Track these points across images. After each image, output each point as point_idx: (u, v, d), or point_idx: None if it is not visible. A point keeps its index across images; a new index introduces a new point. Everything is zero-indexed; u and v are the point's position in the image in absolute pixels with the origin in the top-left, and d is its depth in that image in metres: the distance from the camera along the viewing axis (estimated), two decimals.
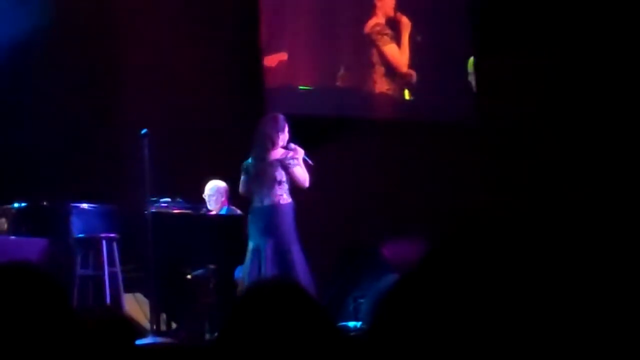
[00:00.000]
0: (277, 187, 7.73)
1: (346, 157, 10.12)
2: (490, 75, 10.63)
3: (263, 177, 7.75)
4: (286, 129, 7.82)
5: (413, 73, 10.65)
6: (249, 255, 7.76)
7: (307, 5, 10.49)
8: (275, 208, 7.72)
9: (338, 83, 10.50)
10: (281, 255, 7.63)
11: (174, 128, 9.51)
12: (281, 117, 7.89)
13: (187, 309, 8.49)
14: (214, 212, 8.72)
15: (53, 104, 9.36)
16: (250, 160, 7.88)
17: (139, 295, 8.54)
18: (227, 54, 10.13)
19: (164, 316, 8.38)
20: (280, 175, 7.74)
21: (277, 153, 7.76)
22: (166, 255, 8.21)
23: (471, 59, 10.80)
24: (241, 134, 8.40)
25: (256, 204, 7.81)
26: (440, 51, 10.71)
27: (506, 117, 10.47)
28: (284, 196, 7.75)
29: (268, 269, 7.56)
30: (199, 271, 8.47)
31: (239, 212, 8.59)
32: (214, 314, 8.17)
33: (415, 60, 10.65)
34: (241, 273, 8.11)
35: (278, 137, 7.78)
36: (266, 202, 7.75)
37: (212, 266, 8.45)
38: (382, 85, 10.58)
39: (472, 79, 10.79)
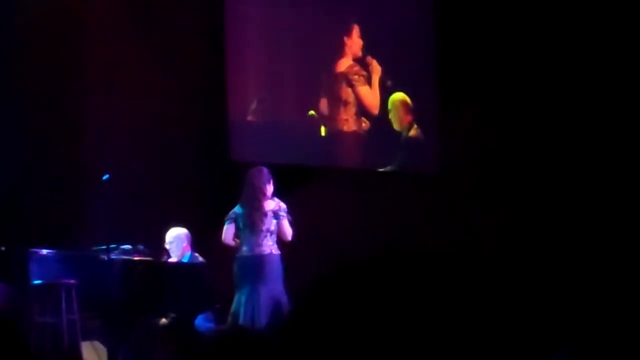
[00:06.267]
0: (268, 237, 7.93)
1: (316, 206, 10.08)
2: (454, 123, 10.66)
3: (255, 227, 7.88)
4: (272, 181, 8.04)
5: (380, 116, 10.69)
6: (240, 304, 7.84)
7: (275, 43, 10.53)
8: (266, 258, 7.90)
9: (306, 120, 10.54)
10: (275, 306, 7.75)
11: (136, 175, 9.45)
12: (266, 169, 8.12)
13: (146, 357, 8.36)
14: (175, 260, 8.63)
15: (11, 148, 9.27)
16: (239, 210, 8.02)
17: (97, 344, 8.42)
18: (191, 100, 10.11)
19: None
20: (272, 225, 7.92)
21: (270, 204, 7.95)
22: (126, 302, 8.09)
23: (392, 96, 10.74)
24: (204, 182, 8.40)
25: (245, 253, 7.95)
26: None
27: (470, 163, 10.48)
28: (275, 246, 7.95)
29: (262, 318, 7.68)
30: (159, 319, 8.35)
31: (201, 259, 8.51)
32: None
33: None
34: (201, 321, 8.05)
35: (267, 188, 7.99)
36: (256, 251, 7.91)
37: (172, 314, 8.34)
38: (352, 124, 10.60)
39: (392, 116, 10.68)
